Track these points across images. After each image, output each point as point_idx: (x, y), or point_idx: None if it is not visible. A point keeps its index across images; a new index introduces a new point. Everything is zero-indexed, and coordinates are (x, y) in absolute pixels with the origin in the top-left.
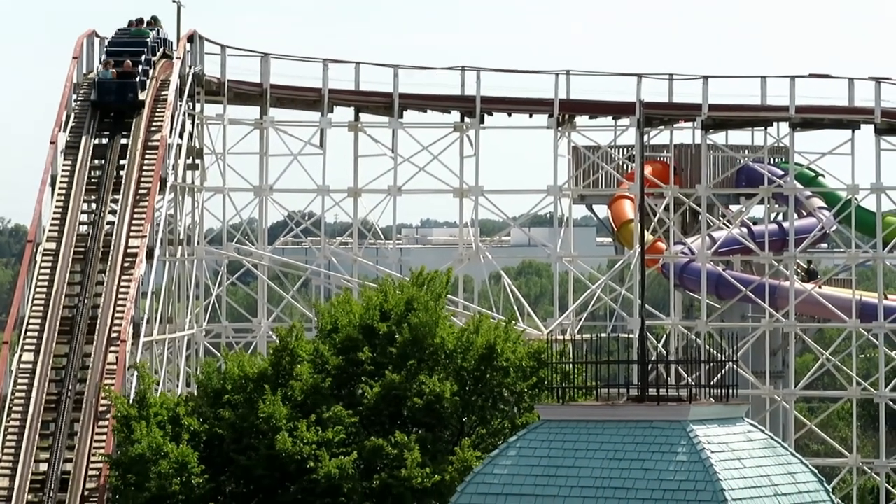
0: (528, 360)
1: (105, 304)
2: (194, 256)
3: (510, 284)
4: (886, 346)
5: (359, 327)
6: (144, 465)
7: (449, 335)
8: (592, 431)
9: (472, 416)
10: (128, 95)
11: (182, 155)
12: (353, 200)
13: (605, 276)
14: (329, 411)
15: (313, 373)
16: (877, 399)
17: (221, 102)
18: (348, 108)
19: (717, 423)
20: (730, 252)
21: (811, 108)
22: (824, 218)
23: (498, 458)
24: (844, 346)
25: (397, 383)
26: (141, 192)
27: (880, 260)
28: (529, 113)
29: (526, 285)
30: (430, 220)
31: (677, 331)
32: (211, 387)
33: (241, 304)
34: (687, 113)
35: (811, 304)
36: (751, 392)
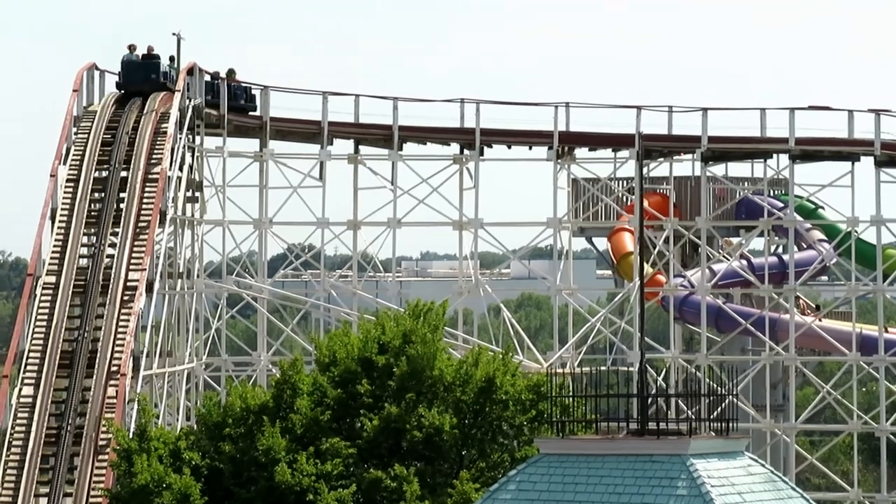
0: (528, 393)
1: (105, 337)
2: (194, 289)
3: (510, 317)
4: (887, 379)
5: (357, 360)
6: (146, 497)
7: (447, 367)
8: (592, 465)
9: (472, 449)
10: (151, 76)
11: (182, 187)
12: (353, 233)
13: (604, 308)
14: (328, 444)
15: (312, 405)
16: (878, 433)
17: (221, 135)
18: (348, 140)
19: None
20: (729, 285)
21: (811, 140)
22: (824, 250)
23: (497, 492)
24: (845, 380)
25: (396, 416)
26: (141, 225)
27: (880, 293)
28: (529, 145)
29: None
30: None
31: (677, 364)
32: (211, 420)
33: (241, 338)
34: (686, 145)
35: (811, 337)
36: (751, 426)
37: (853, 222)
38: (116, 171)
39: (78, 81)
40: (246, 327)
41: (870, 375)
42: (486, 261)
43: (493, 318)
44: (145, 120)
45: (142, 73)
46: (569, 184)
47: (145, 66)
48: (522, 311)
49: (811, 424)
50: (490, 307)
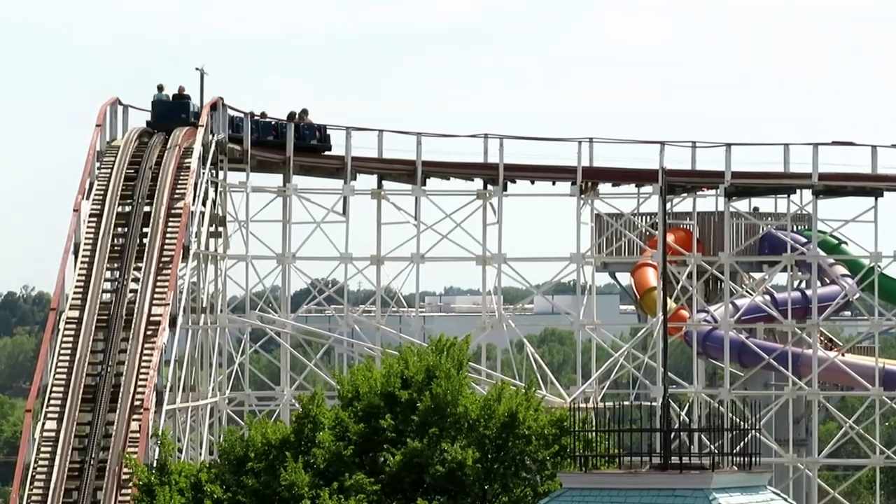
0: (551, 427)
1: (128, 371)
2: (217, 324)
3: (533, 352)
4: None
5: (380, 395)
6: None
7: (471, 403)
8: (615, 499)
9: (495, 483)
10: (181, 115)
11: (205, 222)
12: (376, 268)
13: (627, 343)
14: (351, 479)
15: (335, 440)
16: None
17: (245, 170)
18: (371, 175)
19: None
20: (753, 320)
21: (834, 175)
22: (847, 286)
23: None
24: (868, 414)
25: (419, 451)
26: (164, 260)
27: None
28: (552, 180)
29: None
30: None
31: (700, 399)
32: (234, 454)
33: (264, 372)
34: (710, 180)
35: (834, 372)
36: (774, 460)
37: (876, 257)
38: (140, 205)
39: (101, 116)
40: (269, 362)
41: (892, 410)
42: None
43: (517, 352)
44: (168, 155)
45: (173, 113)
46: (592, 219)
47: (176, 106)
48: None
49: (834, 459)
50: (513, 342)
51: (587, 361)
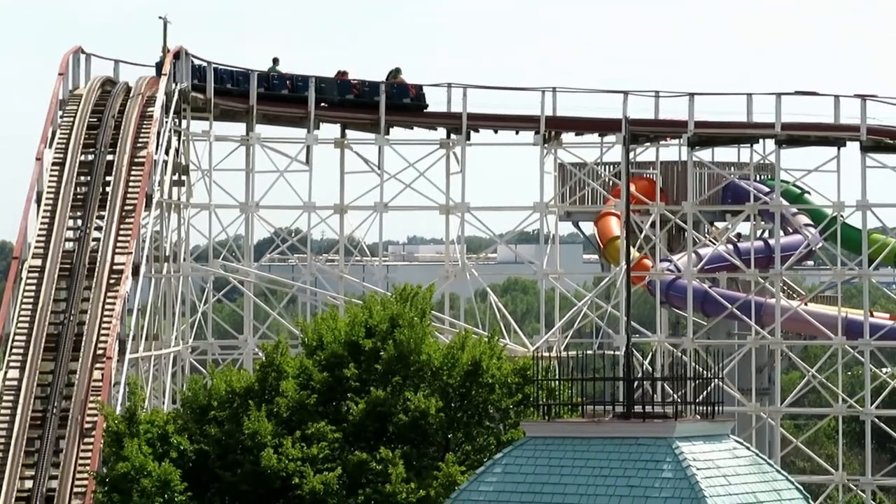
0: (514, 376)
1: (91, 320)
2: (180, 273)
3: (496, 301)
4: (872, 363)
5: (344, 344)
6: (129, 484)
7: (435, 352)
8: (578, 448)
9: (458, 432)
10: None
11: (168, 171)
12: (340, 217)
13: (591, 293)
14: (314, 428)
15: (298, 389)
16: (862, 416)
17: (207, 119)
18: (334, 124)
19: (702, 440)
20: (716, 269)
21: (797, 125)
22: (810, 235)
23: (483, 475)
24: (830, 364)
25: (382, 399)
26: (127, 209)
27: (866, 277)
28: (516, 130)
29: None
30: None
31: (663, 348)
32: (197, 403)
33: (227, 321)
34: (673, 130)
35: (797, 322)
36: (737, 409)
37: (839, 207)
38: (102, 154)
39: (64, 65)
40: (232, 311)
41: (855, 359)
42: (472, 245)
43: (480, 302)
44: (131, 104)
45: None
46: (555, 168)
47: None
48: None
49: (796, 408)
50: (476, 291)
51: (550, 310)
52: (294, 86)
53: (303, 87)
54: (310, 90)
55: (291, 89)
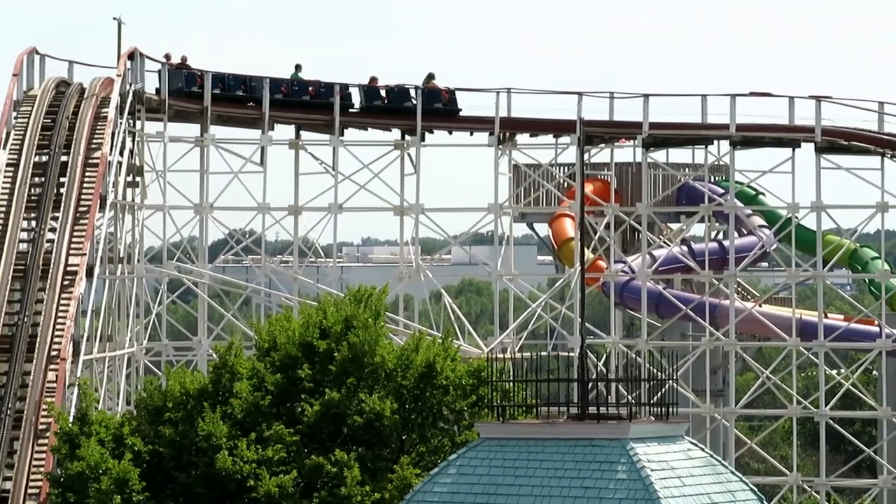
0: (468, 378)
1: (45, 321)
2: (134, 274)
3: (450, 302)
4: (826, 364)
5: (298, 345)
6: (85, 483)
7: (389, 353)
8: (532, 449)
9: (412, 433)
10: None
11: (122, 172)
12: (294, 218)
13: (545, 294)
14: (269, 429)
15: (252, 390)
16: (817, 417)
17: (162, 120)
18: (289, 125)
19: (657, 442)
20: (670, 270)
21: (752, 126)
22: (764, 236)
23: (438, 477)
24: (784, 365)
25: (337, 401)
26: (81, 210)
27: (820, 279)
28: (470, 131)
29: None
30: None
31: (618, 349)
32: (151, 404)
33: (182, 323)
34: (627, 131)
35: (751, 323)
36: (691, 410)
37: (793, 208)
38: (57, 155)
39: (18, 66)
40: (186, 312)
41: (809, 361)
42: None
43: (434, 303)
44: (86, 104)
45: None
46: (510, 169)
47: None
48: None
49: (751, 409)
50: (431, 293)
51: (504, 312)
52: (317, 92)
53: (325, 93)
54: (264, 91)
55: (314, 95)
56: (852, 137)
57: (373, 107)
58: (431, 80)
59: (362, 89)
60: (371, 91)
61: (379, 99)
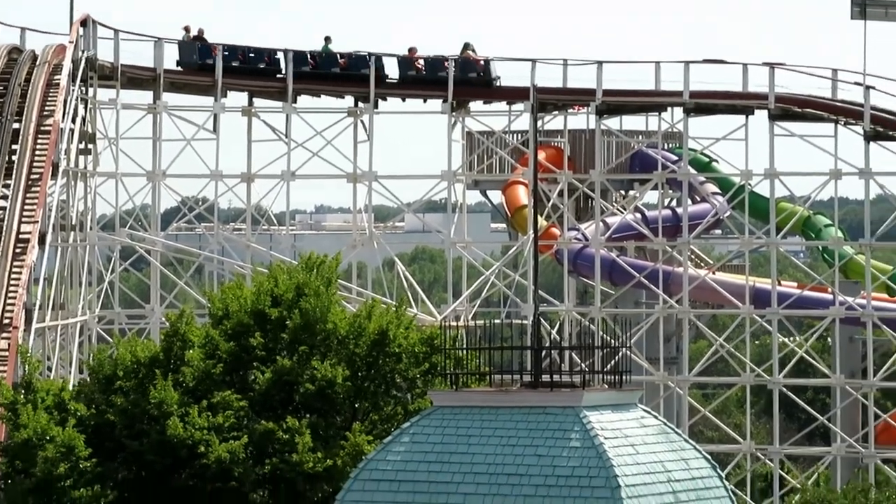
0: (421, 346)
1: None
2: (87, 242)
3: (404, 270)
4: (780, 332)
5: (250, 313)
6: (31, 451)
7: (341, 321)
8: (486, 417)
9: (365, 401)
10: None
11: (75, 140)
12: (247, 186)
13: (498, 262)
14: (220, 396)
15: (204, 358)
16: (770, 385)
17: (115, 87)
18: (242, 93)
19: (610, 410)
20: (623, 238)
21: (705, 93)
22: (718, 203)
23: (391, 445)
24: (738, 333)
25: (288, 369)
26: (33, 178)
27: (774, 246)
28: (423, 98)
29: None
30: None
31: (571, 317)
32: (103, 373)
33: (134, 291)
34: (581, 98)
35: (705, 290)
36: (644, 378)
37: (747, 175)
38: (8, 122)
39: None
40: (139, 280)
41: (763, 328)
42: (380, 214)
43: (387, 271)
44: (38, 72)
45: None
46: (463, 137)
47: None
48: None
49: (704, 377)
50: (384, 260)
51: (458, 280)
52: (348, 63)
53: (357, 63)
54: (217, 59)
55: (344, 67)
56: (806, 104)
57: (406, 77)
58: (466, 49)
59: (399, 60)
60: (405, 62)
61: (413, 69)
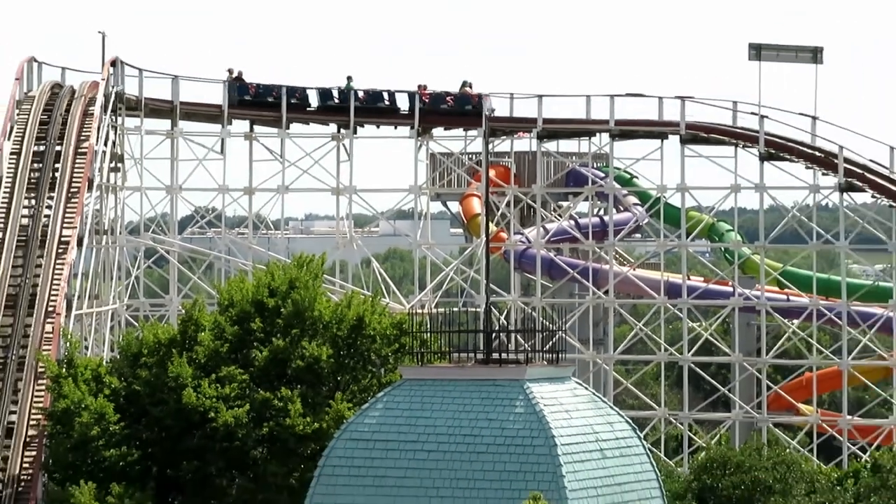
0: (392, 329)
1: (43, 283)
2: (117, 244)
3: (378, 267)
4: (689, 318)
5: (251, 302)
6: (70, 417)
7: (326, 309)
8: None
9: (346, 375)
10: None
11: (106, 160)
12: (249, 197)
13: (456, 260)
14: (226, 371)
15: (214, 340)
16: (681, 362)
17: (139, 116)
18: (244, 121)
19: (548, 382)
20: (560, 241)
21: (627, 121)
22: (638, 213)
23: (368, 411)
24: (654, 319)
25: (282, 348)
26: (72, 191)
27: (684, 247)
28: (395, 125)
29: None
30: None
31: (516, 306)
32: (130, 351)
33: (156, 284)
34: (525, 125)
35: (627, 284)
36: (577, 356)
37: (662, 189)
38: (52, 145)
39: (20, 71)
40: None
41: (675, 315)
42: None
43: (364, 267)
44: (76, 104)
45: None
46: (427, 157)
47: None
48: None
49: (626, 355)
50: (362, 259)
51: (423, 275)
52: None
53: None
54: (224, 94)
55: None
56: (711, 131)
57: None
58: (463, 87)
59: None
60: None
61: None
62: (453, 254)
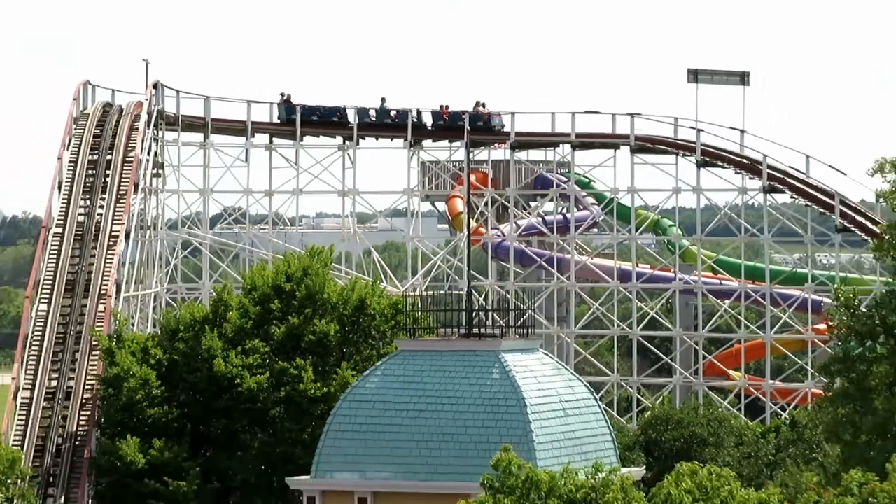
0: (390, 309)
1: (96, 270)
2: (158, 237)
3: (377, 257)
4: (637, 299)
5: (271, 286)
6: (120, 382)
7: (333, 292)
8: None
9: (350, 347)
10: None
11: (149, 167)
12: (269, 199)
13: (443, 251)
14: (250, 344)
15: (240, 318)
16: (630, 336)
17: (177, 130)
18: (265, 134)
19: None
20: (530, 234)
21: (586, 134)
22: (595, 211)
23: (368, 377)
24: (609, 300)
25: (297, 325)
26: (121, 193)
27: (633, 240)
28: (391, 137)
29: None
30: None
31: (493, 289)
32: (170, 327)
33: (191, 271)
34: (500, 138)
35: (586, 271)
36: (544, 331)
37: (615, 191)
38: (104, 155)
39: (76, 92)
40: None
41: (625, 297)
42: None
43: (366, 257)
44: (124, 120)
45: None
46: (419, 164)
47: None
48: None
49: (585, 330)
50: (363, 250)
51: (415, 264)
52: (397, 115)
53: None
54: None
55: (394, 119)
56: (656, 142)
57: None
58: (477, 106)
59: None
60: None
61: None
62: (440, 245)
